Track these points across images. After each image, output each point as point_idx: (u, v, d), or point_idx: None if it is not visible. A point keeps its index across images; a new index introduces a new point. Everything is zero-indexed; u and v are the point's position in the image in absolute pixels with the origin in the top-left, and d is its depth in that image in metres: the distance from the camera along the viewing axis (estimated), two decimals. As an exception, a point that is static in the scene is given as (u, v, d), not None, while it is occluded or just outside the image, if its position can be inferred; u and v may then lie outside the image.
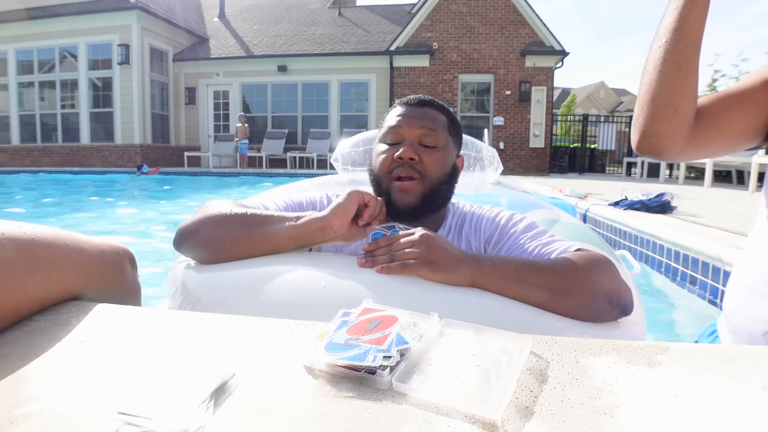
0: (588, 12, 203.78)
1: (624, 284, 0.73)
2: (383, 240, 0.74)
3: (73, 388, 0.44)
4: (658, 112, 0.80)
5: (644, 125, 0.83)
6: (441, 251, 0.68)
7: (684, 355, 0.49)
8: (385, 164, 0.90)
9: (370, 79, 12.81)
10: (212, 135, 13.66)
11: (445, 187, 0.92)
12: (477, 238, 0.93)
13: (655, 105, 0.80)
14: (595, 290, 0.69)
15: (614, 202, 4.11)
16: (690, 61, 0.77)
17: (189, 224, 0.81)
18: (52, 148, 12.96)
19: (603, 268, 0.72)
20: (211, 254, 0.78)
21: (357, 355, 0.46)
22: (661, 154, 0.84)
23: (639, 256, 3.21)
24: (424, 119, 0.92)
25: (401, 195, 0.88)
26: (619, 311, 0.72)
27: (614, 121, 13.98)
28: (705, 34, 0.76)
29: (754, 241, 0.84)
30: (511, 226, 0.90)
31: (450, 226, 0.97)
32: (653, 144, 0.83)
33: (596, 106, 37.94)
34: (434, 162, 0.90)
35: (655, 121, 0.81)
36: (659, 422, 0.38)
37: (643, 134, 0.83)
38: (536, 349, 0.51)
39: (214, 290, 0.72)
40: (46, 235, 0.62)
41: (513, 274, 0.67)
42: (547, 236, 0.85)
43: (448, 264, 0.67)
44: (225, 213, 0.79)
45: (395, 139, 0.92)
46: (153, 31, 12.64)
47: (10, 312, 0.56)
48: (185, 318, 0.60)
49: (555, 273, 0.68)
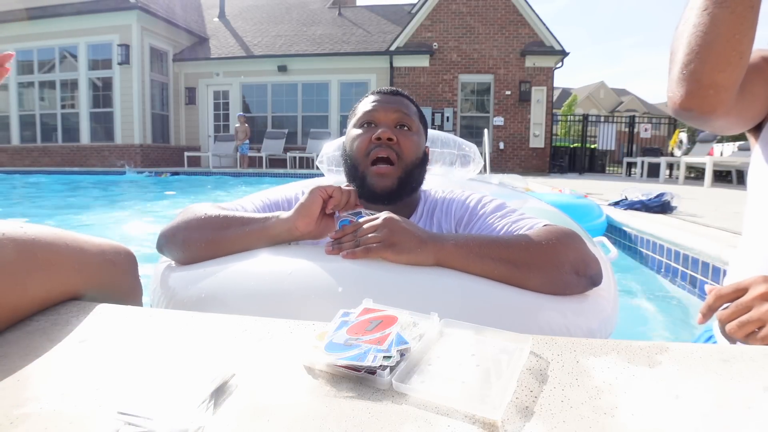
0: (588, 12, 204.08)
1: (591, 255, 0.74)
2: (349, 227, 0.75)
3: (73, 388, 0.44)
4: (720, 58, 0.68)
5: (700, 74, 0.70)
6: (403, 233, 0.69)
7: (684, 355, 0.49)
8: (362, 146, 0.93)
9: (370, 79, 12.81)
10: (212, 135, 13.66)
11: (417, 171, 0.96)
12: (448, 221, 0.95)
13: (718, 48, 0.68)
14: (561, 262, 0.69)
15: (614, 202, 4.11)
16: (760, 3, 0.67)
17: (168, 228, 0.84)
18: (52, 148, 12.95)
19: (568, 240, 0.73)
20: (187, 255, 0.81)
21: (357, 355, 0.46)
22: (713, 112, 0.72)
23: (639, 255, 3.21)
24: (399, 104, 0.96)
25: (377, 179, 0.91)
26: (588, 282, 0.72)
27: (614, 121, 13.97)
28: None
29: (746, 243, 0.84)
30: (480, 207, 0.92)
31: (422, 211, 0.99)
32: (709, 97, 0.71)
33: (596, 106, 37.94)
34: (410, 144, 0.93)
35: (715, 69, 0.69)
36: (659, 422, 0.38)
37: (697, 85, 0.70)
38: (536, 349, 0.51)
39: (186, 286, 0.75)
40: (47, 235, 0.62)
41: (476, 250, 0.68)
42: (516, 215, 0.86)
43: (411, 245, 0.68)
44: (200, 216, 0.82)
45: (371, 122, 0.95)
46: (153, 31, 12.64)
47: (10, 312, 0.56)
48: (185, 318, 0.60)
49: (518, 247, 0.69)
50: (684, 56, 0.72)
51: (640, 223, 3.25)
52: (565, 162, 12.50)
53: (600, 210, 3.49)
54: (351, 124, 1.00)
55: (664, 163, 8.71)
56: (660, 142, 13.61)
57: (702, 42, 0.69)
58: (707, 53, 0.69)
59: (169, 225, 0.85)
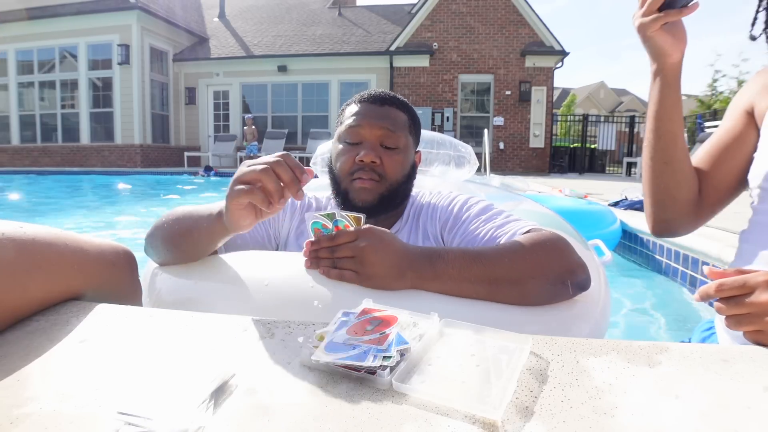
0: (588, 12, 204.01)
1: (578, 261, 0.71)
2: (324, 240, 0.69)
3: (73, 388, 0.44)
4: (659, 203, 0.89)
5: (652, 214, 0.91)
6: (380, 264, 0.65)
7: (684, 355, 0.49)
8: (346, 166, 0.90)
9: (370, 80, 12.81)
10: (212, 135, 13.67)
11: (403, 187, 0.93)
12: (433, 225, 0.93)
13: (656, 196, 0.88)
14: (545, 273, 0.67)
15: (614, 202, 4.11)
16: (673, 155, 0.85)
17: (149, 231, 0.83)
18: (52, 148, 12.95)
19: (552, 248, 0.71)
20: (163, 257, 0.79)
21: (357, 355, 0.46)
22: (676, 233, 0.91)
23: (639, 255, 3.21)
24: (385, 119, 0.91)
25: (359, 192, 0.88)
26: (576, 289, 0.70)
27: (614, 121, 13.97)
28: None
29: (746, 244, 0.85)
30: (464, 211, 0.89)
31: (408, 216, 0.97)
32: (665, 228, 0.91)
33: (596, 106, 37.93)
34: (394, 164, 0.90)
35: (660, 210, 0.89)
36: (659, 422, 0.38)
37: (654, 221, 0.91)
38: (536, 349, 0.51)
39: (171, 291, 0.75)
40: (46, 235, 0.62)
41: (456, 274, 0.66)
42: (502, 217, 0.84)
43: (387, 279, 0.65)
44: (168, 218, 0.79)
45: (355, 140, 0.91)
46: (153, 31, 12.64)
47: (10, 312, 0.56)
48: (185, 318, 0.60)
49: (501, 264, 0.67)
50: (643, 197, 0.93)
51: (640, 224, 3.25)
52: (565, 162, 12.50)
53: (613, 216, 3.28)
54: (337, 132, 0.96)
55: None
56: (660, 142, 13.57)
57: (646, 190, 0.90)
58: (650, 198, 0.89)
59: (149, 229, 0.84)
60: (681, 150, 0.85)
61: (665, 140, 0.84)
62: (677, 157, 0.85)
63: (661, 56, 0.81)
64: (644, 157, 0.89)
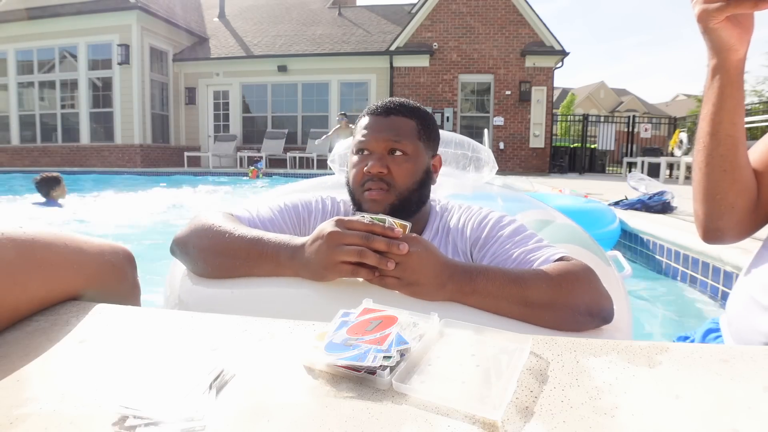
0: (588, 12, 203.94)
1: (604, 294, 0.74)
2: (378, 227, 0.68)
3: (73, 388, 0.44)
4: (715, 210, 0.80)
5: (704, 222, 0.83)
6: (424, 274, 0.66)
7: (684, 355, 0.49)
8: (357, 178, 0.93)
9: (370, 79, 12.81)
10: (212, 135, 13.66)
11: (416, 194, 0.93)
12: (463, 241, 0.93)
13: (712, 203, 0.80)
14: (575, 304, 0.70)
15: (614, 202, 4.12)
16: (733, 162, 0.76)
17: (181, 237, 0.84)
18: (51, 148, 12.95)
19: (583, 280, 0.73)
20: (199, 271, 0.81)
21: (357, 355, 0.46)
22: (728, 241, 0.85)
23: (639, 255, 3.21)
24: (390, 131, 0.92)
25: (370, 204, 0.90)
26: (600, 321, 0.73)
27: (614, 121, 13.95)
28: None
29: (761, 250, 0.84)
30: (497, 230, 0.89)
31: (437, 228, 0.97)
32: (718, 237, 0.84)
33: (596, 106, 37.94)
34: (402, 173, 0.91)
35: (714, 218, 0.81)
36: (659, 422, 0.38)
37: (705, 230, 0.84)
38: (536, 349, 0.50)
39: (198, 303, 0.75)
40: (46, 235, 0.62)
41: (494, 292, 0.68)
42: (534, 242, 0.85)
43: (428, 288, 0.67)
44: (211, 238, 0.79)
45: (364, 152, 0.94)
46: (153, 31, 12.63)
47: (10, 312, 0.56)
48: (185, 318, 0.60)
49: (535, 287, 0.69)
50: (694, 202, 0.84)
51: (640, 223, 3.25)
52: (565, 162, 12.50)
53: (613, 215, 3.27)
54: (351, 147, 0.98)
55: (665, 163, 8.71)
56: (660, 142, 13.61)
57: (700, 195, 0.81)
58: (705, 205, 0.80)
59: (181, 233, 0.84)
60: (742, 156, 0.76)
61: (726, 146, 0.75)
62: (738, 164, 0.76)
63: (724, 51, 0.70)
64: (697, 162, 0.79)
